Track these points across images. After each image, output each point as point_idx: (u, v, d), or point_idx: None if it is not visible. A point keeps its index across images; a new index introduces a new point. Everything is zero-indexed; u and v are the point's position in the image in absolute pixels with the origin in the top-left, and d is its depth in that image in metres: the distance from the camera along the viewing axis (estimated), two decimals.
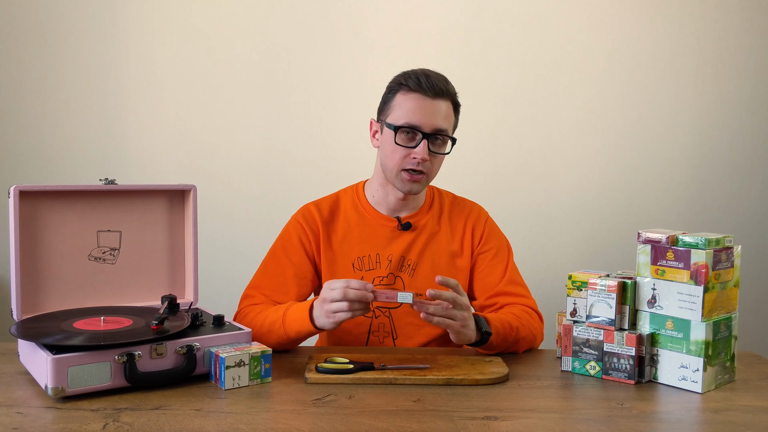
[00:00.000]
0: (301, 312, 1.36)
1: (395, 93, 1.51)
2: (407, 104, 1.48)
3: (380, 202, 1.59)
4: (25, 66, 2.43)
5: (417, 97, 1.48)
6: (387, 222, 1.58)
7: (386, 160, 1.53)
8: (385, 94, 1.55)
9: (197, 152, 2.47)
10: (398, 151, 1.49)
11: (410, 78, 1.49)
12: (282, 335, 1.39)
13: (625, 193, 2.49)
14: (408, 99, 1.48)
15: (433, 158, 1.50)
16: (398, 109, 1.49)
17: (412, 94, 1.48)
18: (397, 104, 1.50)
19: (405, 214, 1.60)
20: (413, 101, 1.48)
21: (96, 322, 1.28)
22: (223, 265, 2.40)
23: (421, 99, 1.47)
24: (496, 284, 1.57)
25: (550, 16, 2.44)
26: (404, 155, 1.49)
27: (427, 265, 1.57)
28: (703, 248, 1.24)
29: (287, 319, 1.38)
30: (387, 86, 1.55)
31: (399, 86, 1.51)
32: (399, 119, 1.48)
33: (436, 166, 1.53)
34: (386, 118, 1.52)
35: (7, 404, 1.12)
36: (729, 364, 1.30)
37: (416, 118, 1.47)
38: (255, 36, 2.45)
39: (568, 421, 1.10)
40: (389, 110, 1.52)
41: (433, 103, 1.48)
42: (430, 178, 1.53)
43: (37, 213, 1.37)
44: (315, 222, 1.58)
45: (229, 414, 1.09)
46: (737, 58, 2.45)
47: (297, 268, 1.55)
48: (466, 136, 2.46)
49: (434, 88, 1.47)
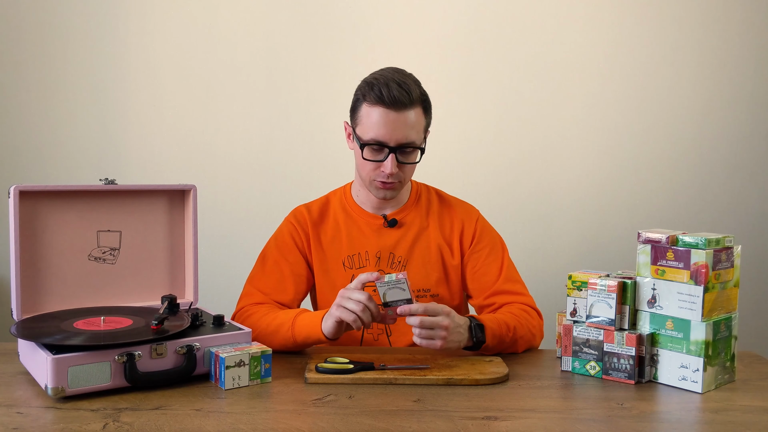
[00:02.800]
0: (313, 318, 1.39)
1: (361, 103, 1.48)
2: (371, 118, 1.45)
3: (364, 201, 1.60)
4: (25, 66, 2.43)
5: (381, 111, 1.44)
6: (373, 219, 1.59)
7: (358, 169, 1.55)
8: (354, 99, 1.52)
9: (197, 152, 2.47)
10: (367, 164, 1.49)
11: (373, 89, 1.45)
12: (288, 338, 1.40)
13: (625, 193, 2.49)
14: (372, 112, 1.45)
15: (403, 167, 1.49)
16: (363, 122, 1.47)
17: (375, 107, 1.45)
18: (362, 116, 1.48)
19: (390, 210, 1.60)
20: (377, 116, 1.44)
21: (96, 322, 1.28)
22: (223, 265, 2.40)
23: (385, 113, 1.44)
24: (493, 283, 1.57)
25: (550, 16, 2.44)
26: (374, 168, 1.49)
27: (417, 261, 1.57)
28: (703, 248, 1.24)
29: (297, 323, 1.39)
30: (354, 91, 1.52)
31: (363, 96, 1.48)
32: (365, 134, 1.47)
33: (409, 173, 1.53)
34: (355, 127, 1.51)
35: (7, 404, 1.12)
36: (729, 364, 1.30)
37: (381, 133, 1.44)
38: (255, 36, 2.45)
39: (568, 421, 1.10)
40: (356, 120, 1.50)
41: (397, 116, 1.44)
42: (404, 183, 1.53)
43: (37, 213, 1.37)
44: (306, 222, 1.59)
45: (229, 414, 1.09)
46: (737, 58, 2.45)
47: (293, 266, 1.56)
48: (466, 136, 2.47)
49: (396, 102, 1.43)
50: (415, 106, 1.46)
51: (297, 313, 1.42)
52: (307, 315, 1.41)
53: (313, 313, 1.42)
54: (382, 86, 1.44)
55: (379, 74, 1.49)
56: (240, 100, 2.46)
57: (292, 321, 1.40)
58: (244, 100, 2.46)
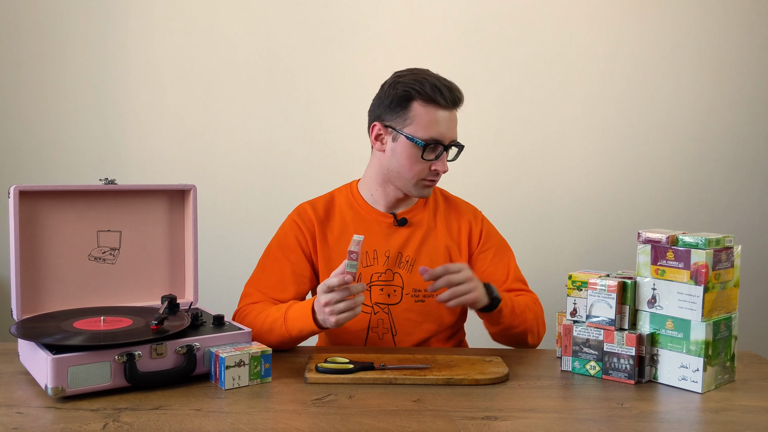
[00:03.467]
0: (303, 310, 1.37)
1: (409, 101, 1.46)
2: (428, 117, 1.45)
3: (378, 200, 1.59)
4: (25, 66, 2.43)
5: (438, 109, 1.46)
6: (383, 218, 1.59)
7: (402, 170, 1.50)
8: (395, 98, 1.47)
9: (197, 152, 2.47)
10: (419, 163, 1.49)
11: (425, 86, 1.45)
12: (283, 334, 1.39)
13: (625, 193, 2.49)
14: (429, 111, 1.45)
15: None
16: (419, 122, 1.46)
17: (431, 105, 1.45)
18: (416, 115, 1.46)
19: (401, 210, 1.60)
20: (435, 114, 1.46)
21: (96, 322, 1.28)
22: (223, 265, 2.40)
23: (442, 111, 1.46)
24: (503, 283, 1.58)
25: (551, 16, 2.44)
26: (426, 167, 1.49)
27: (425, 260, 1.57)
28: (703, 248, 1.24)
29: (289, 317, 1.38)
30: (395, 91, 1.47)
31: (415, 94, 1.45)
32: (422, 133, 1.45)
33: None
34: (402, 128, 1.47)
35: (7, 404, 1.12)
36: (729, 364, 1.30)
37: (440, 132, 1.46)
38: (255, 36, 2.45)
39: (568, 421, 1.10)
40: (405, 120, 1.47)
41: (452, 115, 1.48)
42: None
43: (37, 213, 1.37)
44: (311, 220, 1.58)
45: (229, 414, 1.09)
46: (737, 58, 2.45)
47: (295, 266, 1.55)
48: (466, 136, 2.46)
49: (455, 100, 1.47)
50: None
51: (287, 307, 1.40)
52: (297, 308, 1.39)
53: (300, 304, 1.40)
54: (437, 84, 1.46)
55: (422, 74, 1.49)
56: (240, 100, 2.46)
57: (283, 316, 1.39)
58: (244, 100, 2.47)
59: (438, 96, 1.45)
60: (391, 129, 1.50)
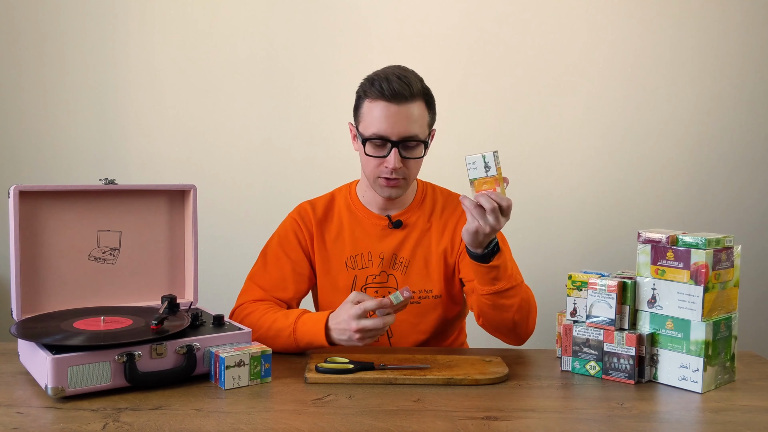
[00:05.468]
0: (315, 325, 1.36)
1: (362, 100, 1.49)
2: (373, 113, 1.45)
3: (370, 201, 1.60)
4: (25, 66, 2.43)
5: (382, 105, 1.44)
6: (378, 220, 1.59)
7: (364, 168, 1.53)
8: (356, 99, 1.52)
9: (197, 152, 2.47)
10: (371, 160, 1.48)
11: (374, 84, 1.45)
12: (291, 343, 1.39)
13: (625, 193, 2.49)
14: (373, 107, 1.45)
15: (407, 162, 1.48)
16: (365, 119, 1.47)
17: (376, 102, 1.45)
18: (364, 113, 1.48)
19: (395, 211, 1.59)
20: (378, 110, 1.44)
21: (96, 322, 1.28)
22: (223, 265, 2.40)
23: (386, 107, 1.44)
24: None
25: (551, 16, 2.44)
26: (377, 164, 1.48)
27: (420, 262, 1.57)
28: (703, 248, 1.24)
29: (299, 329, 1.38)
30: (356, 91, 1.52)
31: (365, 93, 1.47)
32: (366, 129, 1.47)
33: (414, 169, 1.52)
34: (357, 126, 1.51)
35: (7, 404, 1.12)
36: (729, 364, 1.30)
37: (383, 127, 1.44)
38: (255, 36, 2.45)
39: (568, 421, 1.10)
40: (359, 118, 1.50)
41: (398, 109, 1.44)
42: (409, 181, 1.52)
43: (37, 213, 1.37)
44: (310, 220, 1.58)
45: (229, 414, 1.09)
46: (737, 58, 2.45)
47: (295, 264, 1.55)
48: (466, 137, 2.46)
49: (397, 95, 1.43)
50: (417, 99, 1.46)
51: (297, 318, 1.39)
52: (307, 320, 1.38)
53: (312, 317, 1.40)
54: (382, 81, 1.44)
55: (380, 71, 1.49)
56: (240, 100, 2.46)
57: (292, 326, 1.39)
58: (244, 100, 2.46)
59: (376, 91, 1.44)
60: (355, 129, 1.53)
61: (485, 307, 1.43)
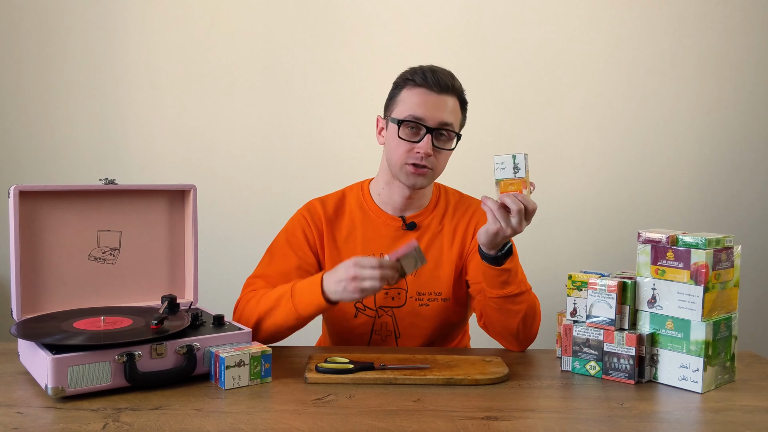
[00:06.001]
0: (312, 283, 1.34)
1: (401, 89, 1.51)
2: (412, 98, 1.48)
3: (385, 201, 1.59)
4: (25, 66, 2.43)
5: (422, 91, 1.47)
6: (391, 221, 1.58)
7: (390, 154, 1.52)
8: (392, 90, 1.54)
9: (197, 152, 2.47)
10: (402, 145, 1.48)
11: (416, 73, 1.49)
12: (290, 310, 1.35)
13: (625, 193, 2.49)
14: (413, 94, 1.48)
15: (438, 154, 1.49)
16: (403, 104, 1.49)
17: (417, 89, 1.48)
18: (402, 99, 1.50)
19: (410, 213, 1.59)
20: (418, 95, 1.47)
21: (96, 322, 1.28)
22: (223, 265, 2.40)
23: (426, 94, 1.47)
24: None
25: (551, 16, 2.44)
26: (408, 149, 1.48)
27: (431, 264, 1.56)
28: (703, 248, 1.24)
29: (296, 291, 1.35)
30: (393, 83, 1.55)
31: (405, 82, 1.50)
32: (403, 113, 1.48)
33: (442, 162, 1.52)
34: (391, 113, 1.52)
35: (7, 404, 1.12)
36: (729, 364, 1.30)
37: (420, 111, 1.46)
38: (255, 36, 2.45)
39: (568, 421, 1.10)
40: (394, 105, 1.51)
41: (438, 98, 1.47)
42: (435, 173, 1.52)
43: (37, 213, 1.37)
44: (319, 218, 1.57)
45: (229, 414, 1.09)
46: (737, 58, 2.45)
47: (301, 260, 1.54)
48: (466, 137, 2.46)
49: (440, 83, 1.47)
50: (454, 94, 1.50)
51: (293, 284, 1.37)
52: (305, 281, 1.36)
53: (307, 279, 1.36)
54: (426, 70, 1.48)
55: (421, 65, 1.52)
56: (240, 100, 2.46)
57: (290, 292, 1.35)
58: (244, 100, 2.46)
59: (419, 78, 1.48)
60: (386, 118, 1.55)
61: (491, 311, 1.44)
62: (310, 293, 1.33)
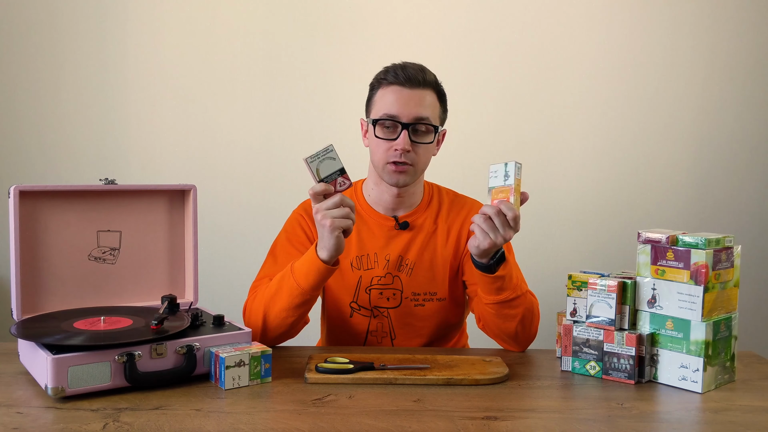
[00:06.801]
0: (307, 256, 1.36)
1: (376, 89, 1.53)
2: (386, 97, 1.49)
3: (376, 201, 1.59)
4: (26, 66, 2.43)
5: (394, 89, 1.49)
6: (384, 221, 1.58)
7: (373, 155, 1.54)
8: (369, 92, 1.56)
9: (197, 152, 2.47)
10: (381, 144, 1.50)
11: (388, 72, 1.51)
12: (293, 285, 1.35)
13: (625, 193, 2.49)
14: (386, 92, 1.50)
15: (417, 148, 1.49)
16: (378, 103, 1.51)
17: (390, 87, 1.50)
18: (377, 99, 1.52)
19: (402, 212, 1.59)
20: (391, 93, 1.49)
21: (96, 322, 1.28)
22: (223, 265, 2.40)
23: (399, 90, 1.48)
24: None
25: (550, 16, 2.44)
26: (387, 148, 1.49)
27: (426, 264, 1.56)
28: (703, 248, 1.24)
29: (296, 269, 1.37)
30: (369, 84, 1.56)
31: (379, 82, 1.52)
32: (378, 112, 1.50)
33: (423, 157, 1.52)
34: (369, 114, 1.54)
35: (7, 404, 1.12)
36: (729, 364, 1.30)
37: (394, 108, 1.47)
38: (255, 36, 2.45)
39: (568, 421, 1.10)
40: (372, 107, 1.54)
41: (411, 92, 1.48)
42: (418, 169, 1.52)
43: (37, 213, 1.37)
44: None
45: (229, 414, 1.09)
46: (737, 58, 2.45)
47: None
48: (466, 136, 2.46)
49: (411, 79, 1.48)
50: (429, 88, 1.50)
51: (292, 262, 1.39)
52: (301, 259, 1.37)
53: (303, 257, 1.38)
54: (397, 68, 1.50)
55: (393, 63, 1.53)
56: (240, 100, 2.47)
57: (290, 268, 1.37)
58: (243, 100, 2.47)
59: (391, 76, 1.49)
60: (365, 124, 1.57)
61: (488, 315, 1.44)
62: (308, 262, 1.35)
